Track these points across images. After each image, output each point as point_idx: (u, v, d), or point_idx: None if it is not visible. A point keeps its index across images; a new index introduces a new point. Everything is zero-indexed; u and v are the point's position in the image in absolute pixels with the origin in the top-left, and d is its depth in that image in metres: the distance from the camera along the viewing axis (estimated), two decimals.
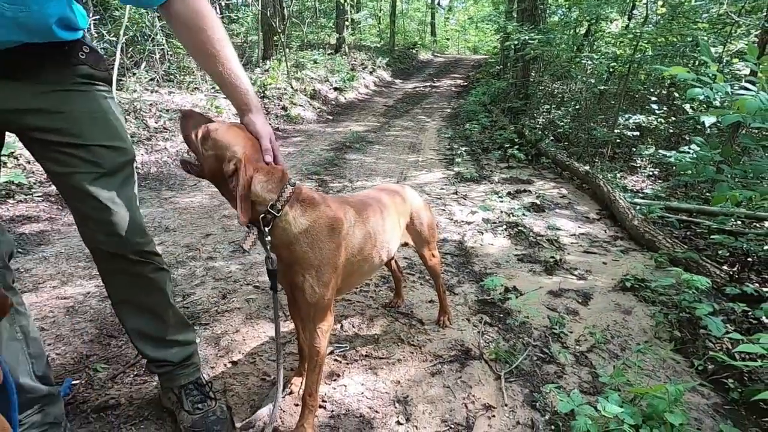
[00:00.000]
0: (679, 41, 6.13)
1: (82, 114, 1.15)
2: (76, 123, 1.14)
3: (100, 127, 1.18)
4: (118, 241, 1.24)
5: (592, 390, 1.72)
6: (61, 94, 1.13)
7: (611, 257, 3.07)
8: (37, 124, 1.12)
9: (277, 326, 1.37)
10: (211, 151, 1.18)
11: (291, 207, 1.24)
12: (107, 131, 1.20)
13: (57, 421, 1.25)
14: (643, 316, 2.30)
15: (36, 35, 1.02)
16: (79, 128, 1.14)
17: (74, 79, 1.14)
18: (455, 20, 26.89)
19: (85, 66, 1.15)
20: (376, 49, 15.81)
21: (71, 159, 1.15)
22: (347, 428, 1.49)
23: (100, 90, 1.21)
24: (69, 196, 1.21)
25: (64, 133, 1.13)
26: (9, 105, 1.08)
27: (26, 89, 1.09)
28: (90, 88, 1.18)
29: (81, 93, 1.16)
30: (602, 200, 4.21)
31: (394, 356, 1.89)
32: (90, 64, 1.16)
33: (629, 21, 8.02)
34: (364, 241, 1.47)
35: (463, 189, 4.63)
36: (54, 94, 1.12)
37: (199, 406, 1.43)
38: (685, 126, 6.19)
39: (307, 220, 1.27)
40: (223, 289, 2.44)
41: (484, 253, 3.08)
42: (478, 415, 1.56)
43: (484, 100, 9.46)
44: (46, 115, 1.11)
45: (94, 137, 1.16)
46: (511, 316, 2.24)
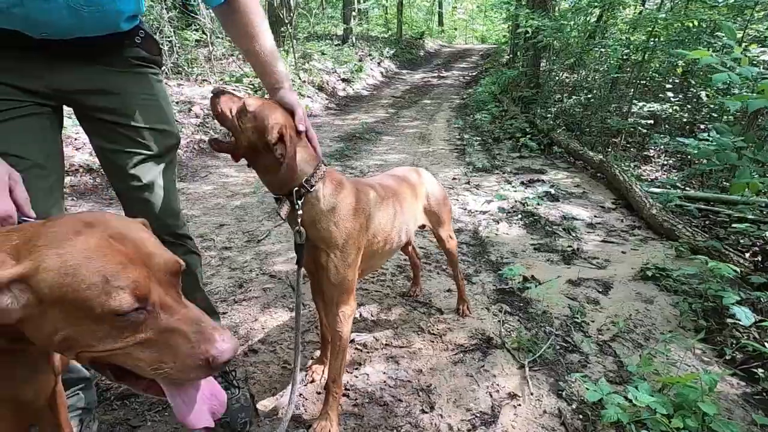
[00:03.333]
0: (695, 26, 5.98)
1: (135, 96, 1.18)
2: (130, 104, 1.16)
3: (152, 109, 1.21)
4: (155, 222, 1.25)
5: (618, 379, 1.69)
6: (119, 75, 1.15)
7: (630, 246, 3.02)
8: (96, 103, 1.15)
9: (298, 304, 1.35)
10: (250, 123, 1.18)
11: (323, 184, 1.26)
12: (157, 114, 1.23)
13: (89, 406, 1.26)
14: (666, 305, 2.25)
15: (105, 29, 1.06)
16: (133, 110, 1.17)
17: (130, 62, 1.17)
18: (463, 10, 26.53)
19: (141, 49, 1.18)
20: (383, 40, 15.65)
21: (122, 138, 1.18)
22: (371, 416, 1.48)
23: (153, 73, 1.24)
24: (112, 173, 1.23)
25: (119, 113, 1.16)
26: (74, 86, 1.11)
27: (88, 71, 1.11)
28: (144, 71, 1.21)
29: (136, 75, 1.19)
30: (618, 189, 4.15)
31: (414, 345, 1.87)
32: (145, 48, 1.18)
33: (643, 6, 7.85)
34: (385, 222, 1.47)
35: (476, 179, 4.58)
36: (112, 76, 1.15)
37: None
38: (700, 114, 6.07)
39: (335, 199, 1.28)
40: (240, 279, 2.44)
41: (499, 242, 3.05)
42: (503, 404, 1.53)
43: (494, 90, 9.33)
44: (105, 95, 1.14)
45: (145, 119, 1.19)
46: (531, 305, 2.21)
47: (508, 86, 9.14)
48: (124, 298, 0.61)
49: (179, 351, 0.64)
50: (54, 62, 1.06)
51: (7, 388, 0.75)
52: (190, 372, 0.65)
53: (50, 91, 1.09)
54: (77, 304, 0.60)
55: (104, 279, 0.60)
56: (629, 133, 6.20)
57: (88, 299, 0.60)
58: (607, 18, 7.97)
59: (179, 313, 0.66)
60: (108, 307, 0.60)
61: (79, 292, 0.60)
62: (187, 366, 0.64)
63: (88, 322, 0.61)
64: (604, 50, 7.07)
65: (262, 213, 3.46)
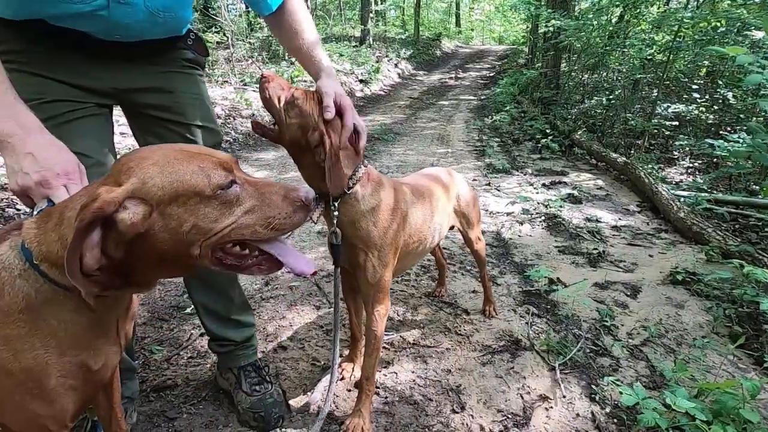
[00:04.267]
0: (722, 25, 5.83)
1: (186, 95, 1.23)
2: (181, 103, 1.21)
3: (199, 108, 1.26)
4: None
5: (652, 384, 1.66)
6: (171, 75, 1.21)
7: (657, 250, 2.96)
8: (150, 101, 1.20)
9: (337, 303, 1.36)
10: (296, 119, 1.16)
11: (362, 185, 1.25)
12: (204, 113, 1.27)
13: (133, 396, 1.29)
14: (698, 310, 2.20)
15: (170, 33, 1.14)
16: (183, 108, 1.22)
17: (181, 63, 1.23)
18: (480, 10, 26.38)
19: (190, 51, 1.23)
20: (400, 41, 15.67)
21: (171, 135, 1.22)
22: (402, 415, 1.48)
23: (199, 74, 1.29)
24: None
25: (171, 110, 1.21)
26: (131, 84, 1.16)
27: (146, 71, 1.17)
28: (193, 71, 1.26)
29: (186, 75, 1.24)
30: (642, 192, 4.07)
31: (441, 345, 1.87)
32: (194, 49, 1.24)
33: (667, 5, 7.69)
34: (421, 222, 1.48)
35: (496, 180, 4.55)
36: (165, 76, 1.20)
37: (256, 388, 1.45)
38: (727, 115, 5.92)
39: (374, 200, 1.28)
40: (266, 277, 2.47)
41: (522, 244, 3.02)
42: (534, 406, 1.52)
43: (513, 91, 9.26)
44: (159, 94, 1.19)
45: (194, 117, 1.24)
46: (558, 308, 2.19)
47: (528, 87, 9.06)
48: (220, 174, 0.73)
49: (279, 204, 0.78)
50: (115, 63, 1.12)
51: (82, 354, 0.79)
52: (294, 215, 0.78)
53: (110, 89, 1.14)
54: (189, 192, 0.71)
55: (199, 167, 0.73)
56: (652, 134, 6.08)
57: (196, 185, 0.72)
58: (629, 18, 7.84)
59: (260, 181, 0.80)
60: (213, 183, 0.72)
61: (186, 182, 0.71)
62: (290, 211, 0.78)
63: (202, 207, 0.72)
64: (626, 50, 6.95)
65: None
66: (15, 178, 0.83)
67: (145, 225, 0.69)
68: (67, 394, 0.79)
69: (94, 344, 0.81)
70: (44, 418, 0.79)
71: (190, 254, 0.74)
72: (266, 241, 0.80)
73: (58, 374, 0.77)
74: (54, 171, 0.83)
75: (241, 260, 0.80)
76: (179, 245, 0.73)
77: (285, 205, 0.78)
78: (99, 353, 0.82)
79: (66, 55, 1.05)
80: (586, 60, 7.45)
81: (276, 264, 0.82)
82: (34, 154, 0.83)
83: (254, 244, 0.79)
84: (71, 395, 0.80)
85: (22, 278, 0.73)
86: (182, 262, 0.76)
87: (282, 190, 0.79)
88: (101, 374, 0.85)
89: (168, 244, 0.72)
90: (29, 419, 0.79)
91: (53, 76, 1.06)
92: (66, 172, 0.85)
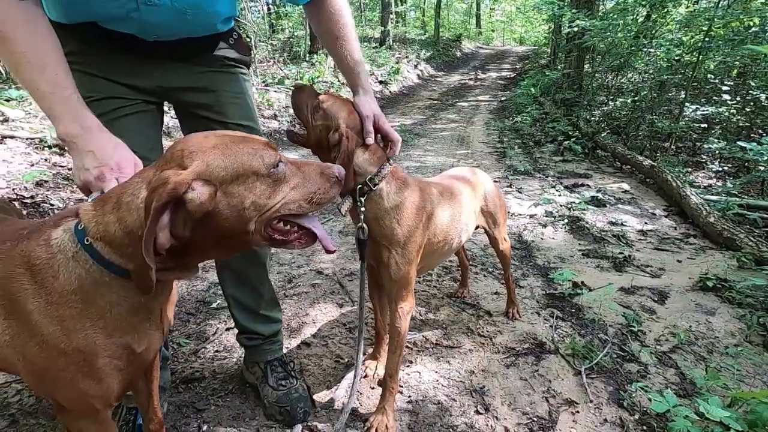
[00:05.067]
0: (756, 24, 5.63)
1: (227, 94, 1.26)
2: (222, 102, 1.24)
3: (240, 107, 1.29)
4: None
5: (682, 392, 1.61)
6: (213, 74, 1.24)
7: (686, 255, 2.89)
8: (192, 100, 1.24)
9: (362, 296, 1.37)
10: (320, 121, 1.23)
11: (387, 183, 1.27)
12: (245, 112, 1.30)
13: (165, 386, 1.33)
14: (730, 318, 2.14)
15: (205, 31, 1.15)
16: (224, 107, 1.25)
17: (223, 62, 1.25)
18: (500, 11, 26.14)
19: (233, 50, 1.25)
20: (420, 42, 15.65)
21: None
22: (426, 414, 1.48)
23: (242, 73, 1.31)
24: None
25: (212, 109, 1.25)
26: (174, 83, 1.20)
27: (189, 70, 1.20)
28: (235, 70, 1.28)
29: (227, 74, 1.27)
30: (670, 196, 3.97)
31: (464, 346, 1.86)
32: (236, 48, 1.26)
33: (696, 4, 7.47)
34: (446, 221, 1.48)
35: (517, 182, 4.50)
36: (207, 75, 1.23)
37: (282, 383, 1.47)
38: (759, 117, 5.71)
39: (399, 197, 1.29)
40: (288, 274, 2.50)
41: (545, 246, 2.98)
42: (560, 410, 1.50)
43: (534, 92, 9.14)
44: (201, 93, 1.23)
45: (235, 116, 1.27)
46: (582, 312, 2.15)
47: (549, 88, 8.93)
48: (271, 154, 0.81)
49: (318, 180, 0.86)
50: (160, 62, 1.16)
51: (127, 337, 0.83)
52: (330, 190, 0.88)
53: (156, 88, 1.19)
54: (248, 172, 0.78)
55: (252, 149, 0.80)
56: (680, 137, 5.92)
57: (253, 165, 0.78)
58: (656, 17, 7.65)
59: (299, 161, 0.88)
60: (267, 163, 0.79)
61: (246, 163, 0.78)
62: (327, 187, 0.87)
63: (258, 185, 0.79)
64: (653, 51, 6.78)
65: None
66: (79, 175, 0.89)
67: (211, 204, 0.75)
68: (113, 374, 0.83)
69: (139, 327, 0.84)
70: (91, 397, 0.84)
71: (247, 230, 0.80)
72: (305, 217, 0.87)
73: (105, 354, 0.81)
74: (109, 165, 0.88)
75: (286, 235, 0.86)
76: (239, 221, 0.78)
77: (323, 180, 0.87)
78: (143, 336, 0.86)
79: (115, 56, 1.10)
80: (610, 61, 7.30)
81: (312, 237, 0.89)
82: (94, 152, 0.89)
83: (295, 220, 0.86)
84: (117, 375, 0.84)
85: (75, 260, 0.77)
86: (239, 239, 0.81)
87: (318, 168, 0.88)
88: (144, 357, 0.89)
89: (230, 221, 0.77)
90: (78, 396, 0.83)
91: (104, 75, 1.11)
92: (119, 166, 0.89)
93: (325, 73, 8.95)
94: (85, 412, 0.87)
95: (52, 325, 0.77)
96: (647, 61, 6.99)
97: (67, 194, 3.33)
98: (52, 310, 0.77)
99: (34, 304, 0.77)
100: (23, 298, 0.78)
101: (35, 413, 1.44)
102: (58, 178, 3.50)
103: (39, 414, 1.44)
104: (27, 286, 0.78)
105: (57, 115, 0.89)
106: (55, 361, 0.79)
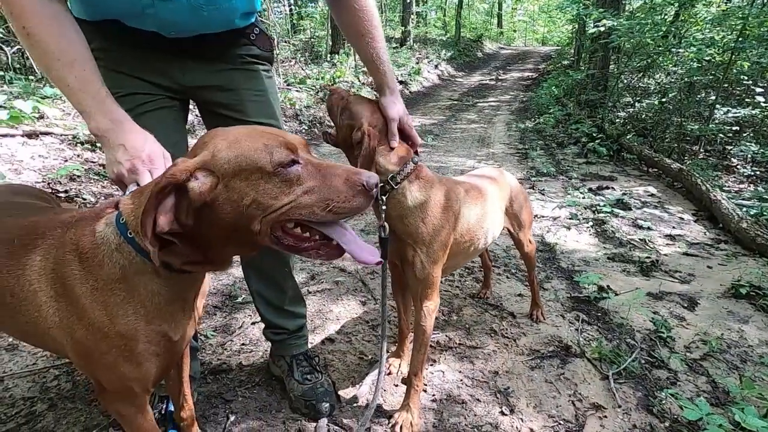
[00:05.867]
0: None
1: (247, 92, 1.25)
2: (242, 100, 1.24)
3: (261, 105, 1.29)
4: None
5: (714, 401, 1.57)
6: (233, 72, 1.23)
7: (716, 261, 2.80)
8: (213, 98, 1.24)
9: (383, 295, 1.38)
10: (347, 120, 1.25)
11: (410, 182, 1.27)
12: (265, 110, 1.30)
13: (194, 376, 1.36)
14: (764, 326, 2.07)
15: (223, 26, 1.14)
16: (245, 105, 1.25)
17: (244, 59, 1.24)
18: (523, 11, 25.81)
19: (254, 47, 1.25)
20: (441, 42, 15.59)
21: None
22: (450, 412, 1.48)
23: (265, 70, 1.31)
24: None
25: (232, 108, 1.25)
26: (194, 81, 1.21)
27: (209, 68, 1.21)
28: (256, 67, 1.28)
29: (248, 72, 1.26)
30: (699, 200, 3.86)
31: (487, 347, 1.85)
32: (258, 45, 1.25)
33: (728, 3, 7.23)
34: (473, 222, 1.47)
35: (540, 184, 4.44)
36: (227, 73, 1.22)
37: (308, 377, 1.49)
38: None
39: (422, 196, 1.29)
40: (311, 271, 2.53)
41: (569, 249, 2.94)
42: (587, 414, 1.48)
43: (557, 93, 9.01)
44: (221, 91, 1.23)
45: (254, 114, 1.26)
46: (608, 316, 2.12)
47: (573, 89, 8.78)
48: (282, 152, 0.75)
49: (339, 186, 0.77)
50: (181, 60, 1.17)
51: (164, 325, 0.86)
52: (353, 199, 0.77)
53: (178, 86, 1.20)
54: (252, 168, 0.74)
55: (264, 145, 0.75)
56: (709, 140, 5.74)
57: (258, 161, 0.74)
58: (685, 17, 7.43)
59: (324, 163, 0.80)
60: (275, 161, 0.74)
61: (250, 158, 0.74)
62: (350, 195, 0.77)
63: (263, 183, 0.75)
64: (682, 51, 6.59)
65: None
66: (111, 168, 0.91)
67: (210, 195, 0.73)
68: (151, 359, 0.87)
69: (175, 317, 0.87)
70: (131, 380, 0.87)
71: (251, 229, 0.76)
72: (328, 225, 0.80)
73: (145, 340, 0.84)
74: (140, 158, 0.90)
75: (300, 242, 0.80)
76: (240, 218, 0.75)
77: (345, 188, 0.77)
78: (178, 325, 0.89)
79: (137, 53, 1.11)
80: (638, 61, 7.14)
81: (337, 251, 0.81)
82: (125, 145, 0.91)
83: (316, 227, 0.80)
84: (154, 361, 0.87)
85: (119, 251, 0.81)
86: (246, 238, 0.78)
87: (345, 173, 0.79)
88: (179, 345, 0.92)
89: (230, 217, 0.75)
90: (118, 378, 0.87)
91: (127, 72, 1.13)
92: (151, 159, 0.92)
93: (346, 72, 9.01)
94: (123, 394, 0.91)
95: (98, 310, 0.81)
96: (676, 62, 6.80)
97: (98, 188, 3.44)
98: (98, 296, 0.81)
99: (82, 288, 0.82)
100: (73, 283, 0.82)
101: (72, 398, 1.50)
102: (89, 174, 3.62)
103: (76, 399, 1.50)
104: (76, 272, 0.82)
105: (87, 111, 0.91)
106: (99, 344, 0.83)
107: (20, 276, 0.85)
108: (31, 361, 1.68)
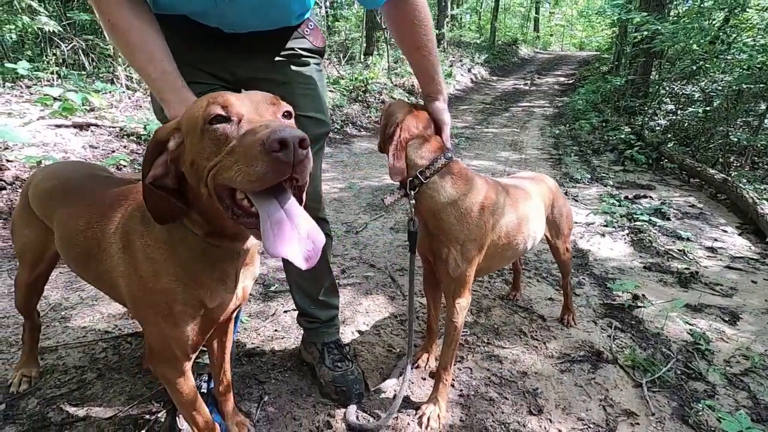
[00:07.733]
0: None
1: (299, 85, 1.29)
2: (293, 93, 1.28)
3: (311, 98, 1.32)
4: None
5: (755, 416, 1.51)
6: (285, 66, 1.27)
7: (762, 276, 2.67)
8: (267, 91, 1.27)
9: (411, 287, 1.40)
10: (384, 120, 1.30)
11: (441, 177, 1.27)
12: (315, 103, 1.33)
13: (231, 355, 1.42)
14: None
15: (280, 24, 1.19)
16: (295, 98, 1.28)
17: (297, 52, 1.28)
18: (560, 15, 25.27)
19: (306, 40, 1.29)
20: (475, 45, 15.48)
21: None
22: (478, 408, 1.49)
23: (316, 63, 1.34)
24: None
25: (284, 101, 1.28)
26: (251, 74, 1.26)
27: (263, 61, 1.25)
28: (308, 61, 1.31)
29: (300, 65, 1.30)
30: (744, 213, 3.69)
31: (516, 348, 1.84)
32: (310, 39, 1.29)
33: None
34: (513, 225, 1.45)
35: (574, 190, 4.35)
36: (280, 66, 1.27)
37: (338, 364, 1.53)
38: None
39: (455, 192, 1.28)
40: (341, 265, 2.58)
41: (603, 257, 2.87)
42: (618, 420, 1.45)
43: (594, 99, 8.78)
44: (274, 84, 1.26)
45: (304, 108, 1.29)
46: (643, 325, 2.06)
47: (611, 95, 8.54)
48: (214, 108, 0.71)
49: (249, 149, 0.64)
50: (238, 54, 1.22)
51: (200, 291, 0.92)
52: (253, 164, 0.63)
53: (234, 78, 1.26)
54: (193, 125, 0.74)
55: (207, 103, 0.73)
56: (757, 152, 5.46)
57: (197, 118, 0.73)
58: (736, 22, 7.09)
59: (258, 120, 0.70)
60: (206, 115, 0.71)
61: (193, 115, 0.75)
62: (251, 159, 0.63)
63: (198, 142, 0.73)
64: (730, 57, 6.30)
65: (358, 207, 3.62)
66: None
67: (175, 153, 0.79)
68: (187, 321, 0.93)
69: (211, 285, 0.93)
70: (170, 338, 0.94)
71: (202, 192, 0.75)
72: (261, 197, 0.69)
73: (182, 301, 0.91)
74: None
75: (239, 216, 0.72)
76: (191, 178, 0.78)
77: (256, 150, 0.63)
78: (215, 294, 0.94)
79: (198, 45, 1.16)
80: (683, 67, 6.87)
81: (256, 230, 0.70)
82: None
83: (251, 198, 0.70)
84: (190, 323, 0.94)
85: None
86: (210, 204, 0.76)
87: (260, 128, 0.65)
88: (216, 313, 0.98)
89: (187, 175, 0.78)
90: (159, 334, 0.94)
91: (189, 62, 1.17)
92: None
93: (379, 74, 9.09)
94: (166, 355, 0.97)
95: (148, 265, 0.90)
96: (723, 68, 6.51)
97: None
98: (149, 252, 0.90)
99: (139, 243, 0.91)
100: (134, 238, 0.92)
101: (119, 369, 1.60)
102: (134, 164, 3.81)
103: (122, 370, 1.59)
104: (138, 227, 0.92)
105: (166, 99, 0.98)
106: (147, 296, 0.91)
107: (105, 230, 0.97)
108: (81, 333, 1.80)
